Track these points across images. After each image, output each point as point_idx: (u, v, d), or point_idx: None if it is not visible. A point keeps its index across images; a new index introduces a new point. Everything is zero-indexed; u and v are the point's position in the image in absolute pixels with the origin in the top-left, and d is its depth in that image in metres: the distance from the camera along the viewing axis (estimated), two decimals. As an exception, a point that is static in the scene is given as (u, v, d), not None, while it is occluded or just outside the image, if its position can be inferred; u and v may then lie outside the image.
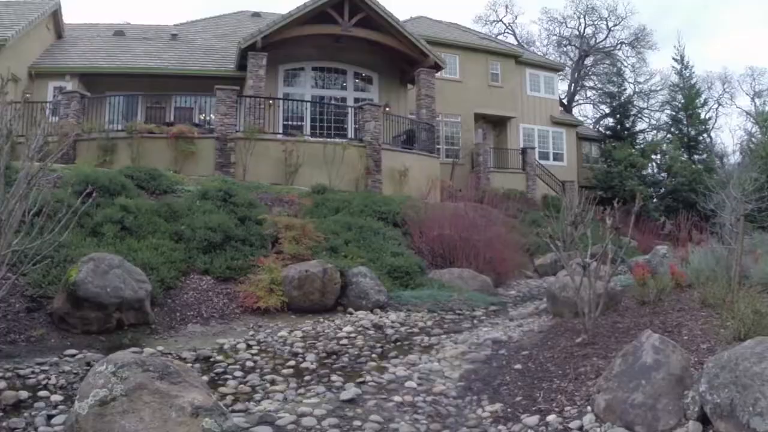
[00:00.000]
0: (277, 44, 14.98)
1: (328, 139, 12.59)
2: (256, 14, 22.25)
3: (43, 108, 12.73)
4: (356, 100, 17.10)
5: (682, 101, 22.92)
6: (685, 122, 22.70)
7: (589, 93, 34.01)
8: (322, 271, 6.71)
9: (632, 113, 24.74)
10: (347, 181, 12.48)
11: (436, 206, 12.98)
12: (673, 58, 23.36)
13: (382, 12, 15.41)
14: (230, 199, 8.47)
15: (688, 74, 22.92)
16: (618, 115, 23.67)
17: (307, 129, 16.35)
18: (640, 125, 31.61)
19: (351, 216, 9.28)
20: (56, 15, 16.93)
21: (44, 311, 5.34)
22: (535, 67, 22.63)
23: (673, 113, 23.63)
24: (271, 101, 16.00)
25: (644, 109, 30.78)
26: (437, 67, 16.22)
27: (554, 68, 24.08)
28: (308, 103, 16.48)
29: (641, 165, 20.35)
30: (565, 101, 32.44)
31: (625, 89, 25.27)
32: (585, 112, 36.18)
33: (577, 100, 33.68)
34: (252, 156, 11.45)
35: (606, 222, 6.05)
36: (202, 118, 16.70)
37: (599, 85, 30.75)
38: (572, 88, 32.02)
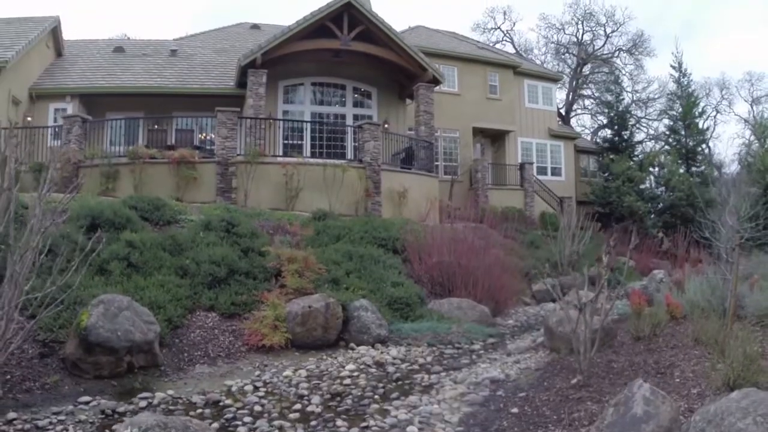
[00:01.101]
0: (277, 60, 15.28)
1: (328, 161, 12.84)
2: (255, 26, 22.58)
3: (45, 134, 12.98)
4: (355, 116, 17.41)
5: (680, 111, 23.27)
6: (683, 132, 23.03)
7: (587, 102, 34.45)
8: (324, 307, 6.97)
9: (630, 124, 25.06)
10: (347, 204, 12.76)
11: (435, 229, 13.24)
12: (671, 66, 23.72)
13: (381, 25, 15.73)
14: (233, 229, 8.73)
15: (686, 82, 23.27)
16: (616, 127, 24.01)
17: (307, 147, 16.67)
18: (639, 135, 32.12)
19: (352, 244, 9.54)
20: (55, 32, 17.19)
21: (56, 356, 5.58)
22: (533, 78, 22.97)
23: (671, 123, 23.98)
24: (271, 120, 16.34)
25: (642, 117, 31.20)
26: (436, 82, 16.54)
27: (552, 78, 24.43)
28: (308, 122, 16.82)
29: (639, 179, 20.66)
30: (563, 110, 32.85)
31: (623, 99, 25.59)
32: (583, 121, 36.64)
33: (575, 110, 34.12)
34: (253, 181, 11.71)
35: (603, 256, 6.29)
36: (203, 137, 17.03)
37: (597, 94, 31.15)
38: (570, 96, 32.40)
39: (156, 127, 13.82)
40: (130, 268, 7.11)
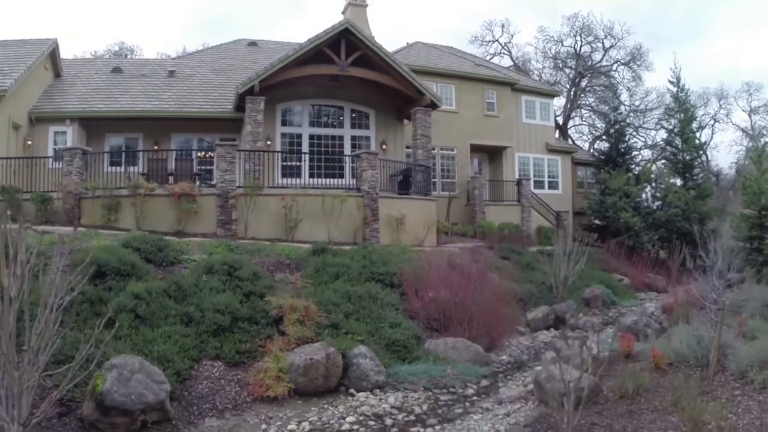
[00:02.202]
0: (275, 85, 15.66)
1: (327, 191, 13.24)
2: (253, 43, 22.92)
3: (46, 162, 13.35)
4: (353, 137, 17.84)
5: (678, 125, 23.72)
6: (680, 147, 23.50)
7: (585, 112, 34.95)
8: (325, 357, 7.43)
9: (628, 137, 25.52)
10: (346, 233, 13.20)
11: (432, 255, 13.73)
12: (669, 81, 24.16)
13: (379, 50, 16.11)
14: (235, 272, 9.16)
15: (683, 98, 23.71)
16: (613, 140, 24.47)
17: (306, 169, 17.11)
18: (636, 142, 32.63)
19: (350, 282, 9.99)
20: (54, 54, 17.51)
21: (74, 415, 6.02)
22: (530, 94, 23.40)
23: (668, 137, 24.44)
24: (269, 142, 16.76)
25: (639, 127, 31.72)
26: (433, 106, 16.94)
27: (550, 94, 24.86)
28: (306, 144, 17.24)
29: (636, 195, 21.12)
30: (560, 119, 33.34)
31: (620, 113, 26.04)
32: (581, 129, 37.16)
33: (573, 117, 34.58)
34: (253, 213, 12.13)
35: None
36: (202, 155, 17.43)
37: (595, 104, 31.64)
38: (568, 106, 32.87)
39: (155, 156, 14.16)
40: (138, 320, 7.55)
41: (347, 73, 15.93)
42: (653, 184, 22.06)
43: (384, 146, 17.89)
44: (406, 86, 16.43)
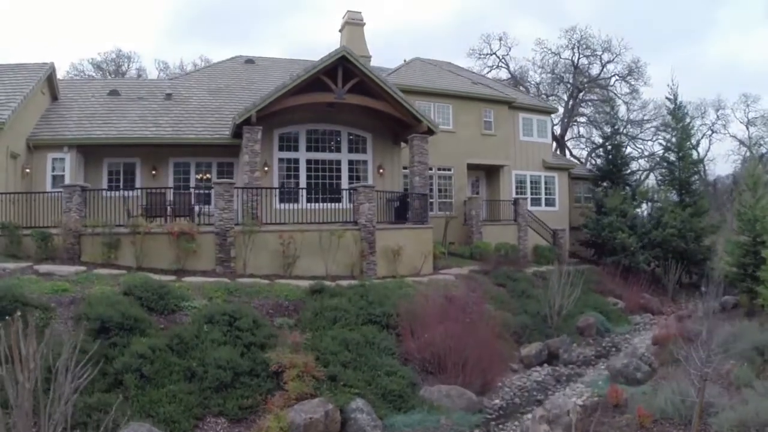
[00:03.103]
0: (272, 112, 15.96)
1: (324, 225, 13.59)
2: (250, 60, 23.16)
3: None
4: (350, 161, 18.17)
5: (674, 142, 24.12)
6: (677, 164, 23.90)
7: (583, 119, 35.30)
8: (324, 415, 7.82)
9: (624, 152, 25.89)
10: (343, 266, 13.58)
11: (429, 286, 14.13)
12: (667, 97, 24.53)
13: (376, 78, 16.41)
14: (235, 323, 9.53)
15: (680, 114, 24.08)
16: (610, 156, 24.86)
17: (303, 196, 17.46)
18: (632, 153, 33.10)
19: (348, 327, 10.39)
20: (50, 78, 17.74)
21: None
22: (528, 111, 23.73)
23: (665, 154, 24.83)
24: (266, 168, 17.09)
25: (635, 137, 32.16)
26: (430, 132, 17.26)
27: (547, 111, 25.20)
28: (303, 169, 17.58)
29: (632, 215, 21.52)
30: (558, 129, 33.72)
31: (617, 128, 26.41)
32: (579, 138, 37.55)
33: (572, 125, 34.96)
34: (251, 251, 12.48)
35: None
36: (200, 177, 17.76)
37: (593, 115, 32.02)
38: (566, 120, 33.24)
39: (155, 190, 14.44)
40: (143, 380, 7.91)
41: (344, 101, 16.24)
42: (649, 203, 22.43)
43: (381, 170, 18.24)
44: (403, 113, 16.75)
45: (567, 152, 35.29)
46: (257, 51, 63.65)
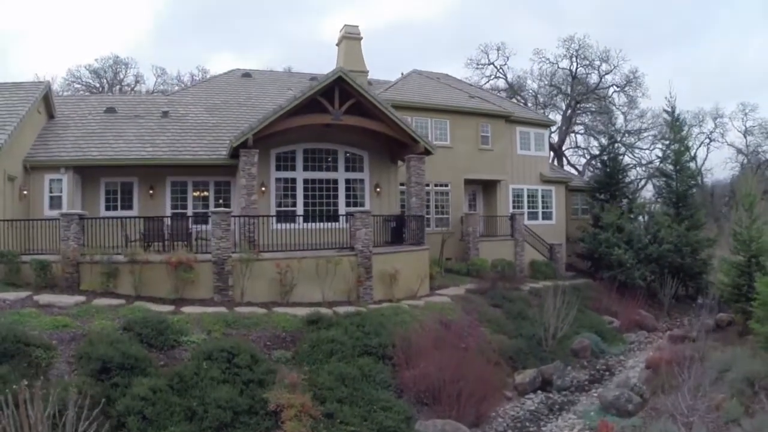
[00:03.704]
0: (269, 134, 16.22)
1: (320, 252, 13.86)
2: (247, 74, 23.39)
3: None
4: (347, 180, 18.46)
5: (672, 155, 24.46)
6: (674, 177, 24.25)
7: (580, 127, 35.64)
8: (320, 458, 8.15)
9: (621, 165, 26.21)
10: (340, 292, 13.88)
11: (425, 310, 14.45)
12: (665, 110, 24.85)
13: (372, 99, 16.68)
14: (234, 359, 9.83)
15: (678, 128, 24.41)
16: (608, 168, 25.18)
17: (300, 212, 17.74)
18: (630, 164, 33.48)
19: (344, 361, 10.70)
20: (47, 97, 17.95)
21: None
22: (525, 125, 24.01)
23: (663, 166, 25.16)
24: (263, 189, 17.37)
25: (632, 146, 32.56)
26: (427, 152, 17.53)
27: (545, 124, 25.49)
28: (300, 188, 17.87)
29: (628, 231, 21.83)
30: (556, 136, 34.06)
31: (615, 140, 26.74)
32: (577, 144, 37.92)
33: (571, 133, 35.29)
34: (249, 279, 12.77)
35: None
36: (197, 194, 18.03)
37: (591, 123, 32.36)
38: (564, 128, 33.59)
39: (152, 216, 14.71)
40: (145, 422, 8.22)
41: (341, 122, 16.51)
42: (645, 218, 22.76)
43: (378, 189, 18.54)
44: (400, 133, 17.03)
45: (564, 161, 35.69)
46: (254, 51, 63.81)
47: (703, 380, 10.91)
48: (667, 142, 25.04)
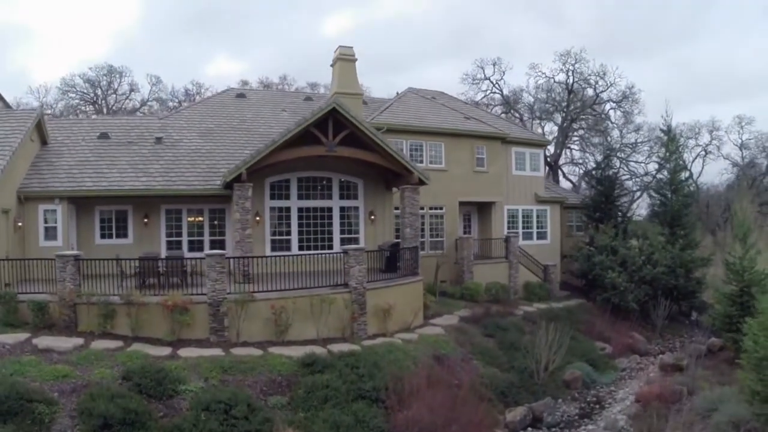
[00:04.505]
0: (263, 166, 16.65)
1: (314, 290, 14.29)
2: (241, 95, 23.74)
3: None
4: (342, 208, 18.94)
5: (668, 175, 25.02)
6: (669, 196, 24.81)
7: (576, 147, 36.42)
8: None
9: (617, 183, 26.76)
10: (335, 329, 14.37)
11: (419, 345, 14.97)
12: (661, 129, 25.43)
13: (367, 130, 17.11)
14: (231, 411, 10.33)
15: (674, 148, 24.98)
16: (603, 187, 25.72)
17: (295, 242, 18.23)
18: (625, 172, 34.13)
19: (339, 407, 11.23)
20: (39, 124, 18.29)
21: None
22: (521, 145, 24.49)
23: (659, 186, 25.71)
24: (258, 218, 17.81)
25: (627, 158, 33.19)
26: (422, 183, 17.99)
27: (540, 144, 25.99)
28: (295, 216, 18.32)
29: (622, 254, 22.38)
30: (552, 148, 34.61)
31: (611, 158, 27.29)
32: (573, 165, 38.61)
33: (568, 145, 35.88)
34: (244, 321, 13.24)
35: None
36: (193, 220, 18.45)
37: (586, 133, 32.96)
38: (560, 137, 34.15)
39: (148, 254, 15.13)
40: (147, 484, 8.73)
41: (335, 154, 16.94)
42: (640, 240, 23.30)
43: (372, 217, 19.01)
44: (394, 164, 17.48)
45: (561, 174, 36.32)
46: (251, 51, 63.86)
47: (690, 423, 11.51)
48: (663, 162, 25.56)
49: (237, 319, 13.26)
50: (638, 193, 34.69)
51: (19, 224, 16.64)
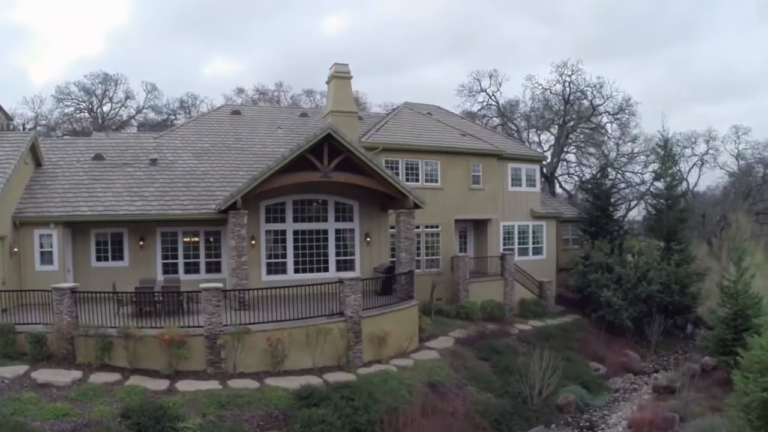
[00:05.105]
0: (259, 193, 17.02)
1: (310, 320, 14.67)
2: (236, 112, 24.04)
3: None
4: (337, 230, 19.33)
5: (664, 191, 25.50)
6: (664, 211, 25.30)
7: (572, 160, 36.95)
8: None
9: (613, 202, 27.24)
10: (331, 358, 14.78)
11: (414, 372, 15.40)
12: (657, 145, 25.87)
13: (362, 156, 17.47)
14: (229, 451, 10.76)
15: (670, 164, 25.49)
16: (599, 201, 26.19)
17: (291, 265, 18.62)
18: (620, 181, 34.63)
19: (335, 444, 11.67)
20: (34, 147, 18.57)
21: None
22: (517, 161, 24.90)
23: (655, 202, 26.19)
24: (253, 242, 18.19)
25: (622, 168, 33.72)
26: (417, 207, 18.38)
27: (536, 159, 26.40)
28: (291, 239, 18.71)
29: (617, 274, 22.85)
30: (548, 153, 35.09)
31: (607, 171, 27.75)
32: (569, 176, 39.21)
33: (565, 155, 36.39)
34: (241, 353, 13.64)
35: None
36: (189, 240, 18.82)
37: (583, 146, 33.48)
38: (557, 145, 34.62)
39: (144, 284, 15.50)
40: None
41: (330, 179, 17.31)
42: (635, 257, 23.77)
43: (368, 239, 19.40)
44: (390, 189, 17.86)
45: (557, 184, 36.80)
46: (250, 52, 63.92)
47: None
48: (659, 175, 26.01)
49: (233, 351, 13.65)
50: (634, 202, 35.36)
51: (15, 250, 16.96)
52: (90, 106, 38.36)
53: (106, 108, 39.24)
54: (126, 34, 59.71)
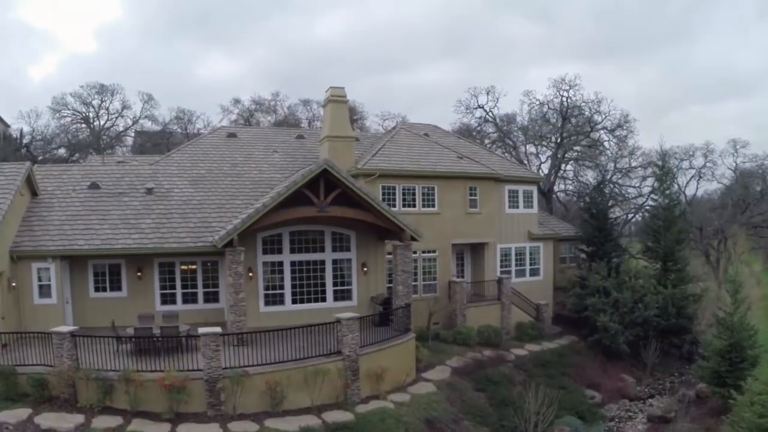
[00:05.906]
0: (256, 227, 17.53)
1: (308, 361, 15.21)
2: (232, 135, 24.46)
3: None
4: (334, 260, 19.87)
5: (662, 211, 26.08)
6: (661, 232, 25.88)
7: (569, 177, 37.71)
8: None
9: (610, 219, 27.85)
10: (329, 396, 15.37)
11: (411, 408, 16.01)
12: (655, 164, 26.40)
13: (358, 191, 18.00)
14: (231, 501, 11.34)
15: (668, 183, 26.06)
16: (596, 221, 26.79)
17: (288, 296, 19.18)
18: (618, 193, 35.29)
19: (333, 491, 12.26)
20: (29, 178, 18.99)
21: None
22: (514, 183, 25.44)
23: (652, 222, 26.78)
24: (251, 274, 18.73)
25: (619, 181, 34.40)
26: (414, 239, 18.92)
27: (533, 180, 26.95)
28: (288, 270, 19.25)
29: (614, 298, 23.48)
30: (546, 166, 35.70)
31: (604, 189, 28.34)
32: (567, 193, 39.77)
33: (563, 169, 37.06)
34: (240, 396, 14.21)
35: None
36: (186, 267, 19.34)
37: (581, 158, 34.10)
38: (555, 156, 35.19)
39: (143, 324, 16.00)
40: None
41: (327, 214, 17.82)
42: (632, 280, 24.37)
43: (365, 269, 19.95)
44: (387, 223, 18.39)
45: (555, 198, 37.38)
46: (245, 52, 64.00)
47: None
48: (656, 194, 26.57)
49: (233, 395, 14.21)
50: (631, 215, 36.04)
51: (13, 284, 17.43)
52: (87, 116, 38.77)
53: (102, 120, 39.76)
54: (124, 34, 59.80)
